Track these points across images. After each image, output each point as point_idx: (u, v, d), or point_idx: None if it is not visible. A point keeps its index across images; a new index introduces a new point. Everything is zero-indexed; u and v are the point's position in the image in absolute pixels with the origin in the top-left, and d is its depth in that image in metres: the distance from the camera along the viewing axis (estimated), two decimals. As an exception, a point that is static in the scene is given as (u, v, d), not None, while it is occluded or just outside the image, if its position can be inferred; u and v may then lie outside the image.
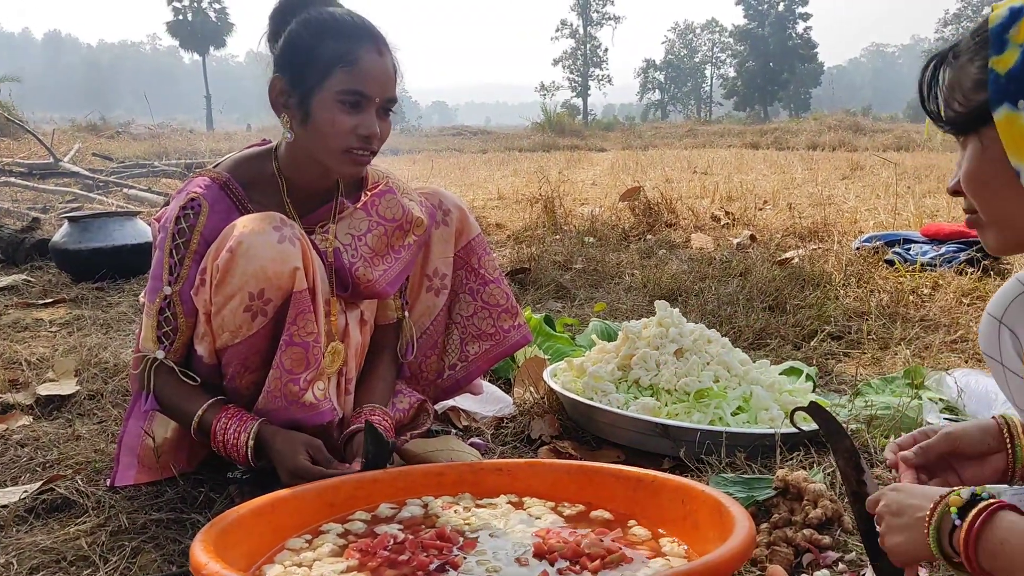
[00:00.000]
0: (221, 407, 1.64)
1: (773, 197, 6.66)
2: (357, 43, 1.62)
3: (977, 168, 0.97)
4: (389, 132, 1.70)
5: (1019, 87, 0.89)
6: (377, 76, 1.62)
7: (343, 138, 1.62)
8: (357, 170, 1.69)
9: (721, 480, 1.68)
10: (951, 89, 0.98)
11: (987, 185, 0.96)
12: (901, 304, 3.08)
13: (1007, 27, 0.92)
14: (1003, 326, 1.28)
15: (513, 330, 1.99)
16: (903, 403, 1.97)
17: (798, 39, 64.31)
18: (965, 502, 0.94)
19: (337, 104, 1.61)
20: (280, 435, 1.59)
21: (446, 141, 23.92)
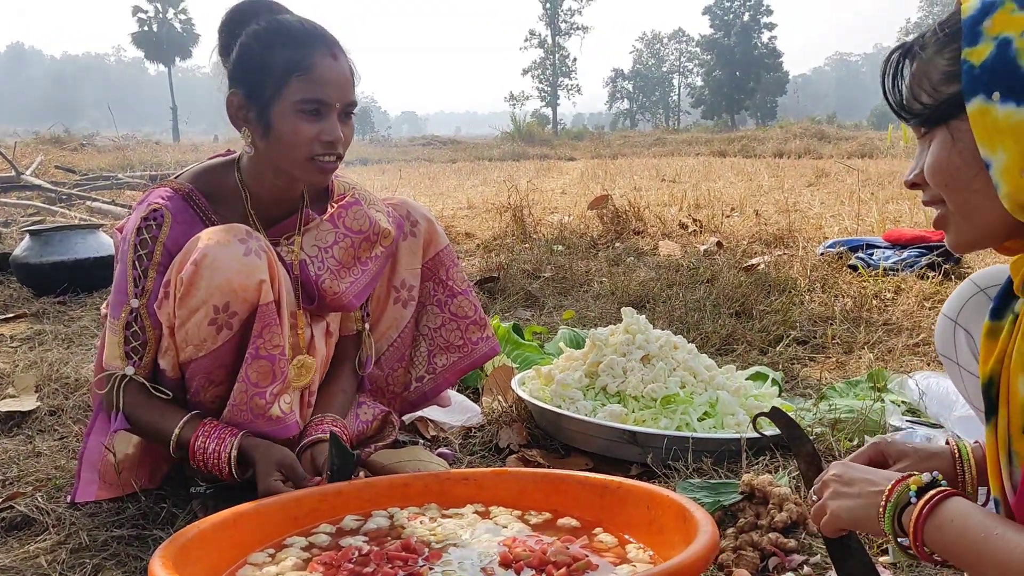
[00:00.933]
0: (198, 423, 1.62)
1: (740, 204, 6.72)
2: (310, 50, 1.61)
3: (946, 160, 0.96)
4: (352, 135, 1.69)
5: (993, 79, 0.89)
6: (334, 81, 1.61)
7: (307, 147, 1.61)
8: (324, 178, 1.67)
9: (688, 486, 1.69)
10: (918, 80, 0.98)
11: (956, 177, 0.96)
12: (865, 309, 3.12)
13: (979, 20, 0.92)
14: (958, 327, 1.31)
15: (481, 342, 1.98)
16: (866, 406, 1.99)
17: (763, 48, 65.08)
18: (925, 484, 0.97)
19: (297, 113, 1.60)
20: (259, 450, 1.57)
21: (416, 151, 23.88)
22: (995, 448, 1.01)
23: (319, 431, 1.69)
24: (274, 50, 1.61)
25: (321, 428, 1.70)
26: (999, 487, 1.01)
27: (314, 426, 1.72)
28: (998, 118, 0.89)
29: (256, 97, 1.62)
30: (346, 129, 1.66)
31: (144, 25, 61.66)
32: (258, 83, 1.61)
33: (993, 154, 0.90)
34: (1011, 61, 0.89)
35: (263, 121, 1.62)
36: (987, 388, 1.01)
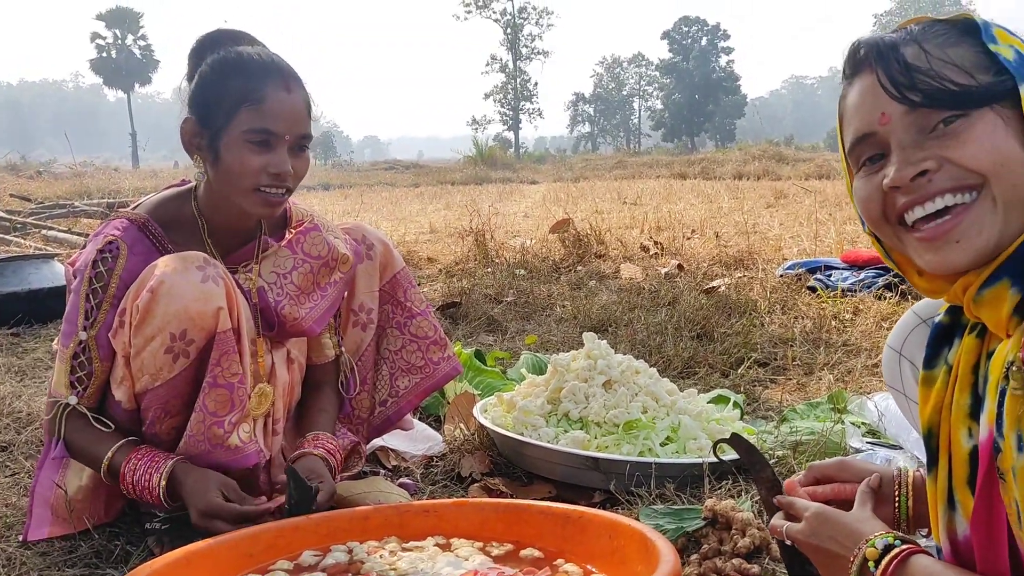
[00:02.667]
0: (132, 448, 1.59)
1: (701, 226, 6.79)
2: (262, 81, 1.60)
3: (1004, 142, 0.93)
4: (306, 169, 1.67)
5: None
6: (285, 113, 1.60)
7: (252, 177, 1.59)
8: (270, 210, 1.65)
9: (651, 512, 1.68)
10: (942, 66, 0.95)
11: (1010, 159, 0.93)
12: (824, 330, 3.16)
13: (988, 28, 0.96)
14: (903, 358, 1.33)
15: (443, 361, 1.98)
16: (827, 428, 2.01)
17: (721, 72, 66.24)
18: (880, 553, 1.02)
19: (245, 143, 1.58)
20: (192, 474, 1.55)
21: (378, 175, 23.84)
22: (935, 496, 1.02)
23: (310, 447, 1.70)
24: (228, 79, 1.60)
25: (316, 444, 1.71)
26: (939, 535, 1.03)
27: (307, 443, 1.72)
28: None
29: (208, 125, 1.61)
30: (298, 163, 1.64)
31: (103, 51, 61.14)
32: (210, 111, 1.61)
33: None
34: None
35: (213, 149, 1.61)
36: (927, 438, 1.03)
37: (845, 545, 1.08)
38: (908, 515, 1.20)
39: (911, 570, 0.99)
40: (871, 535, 1.05)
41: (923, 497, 1.19)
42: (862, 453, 1.87)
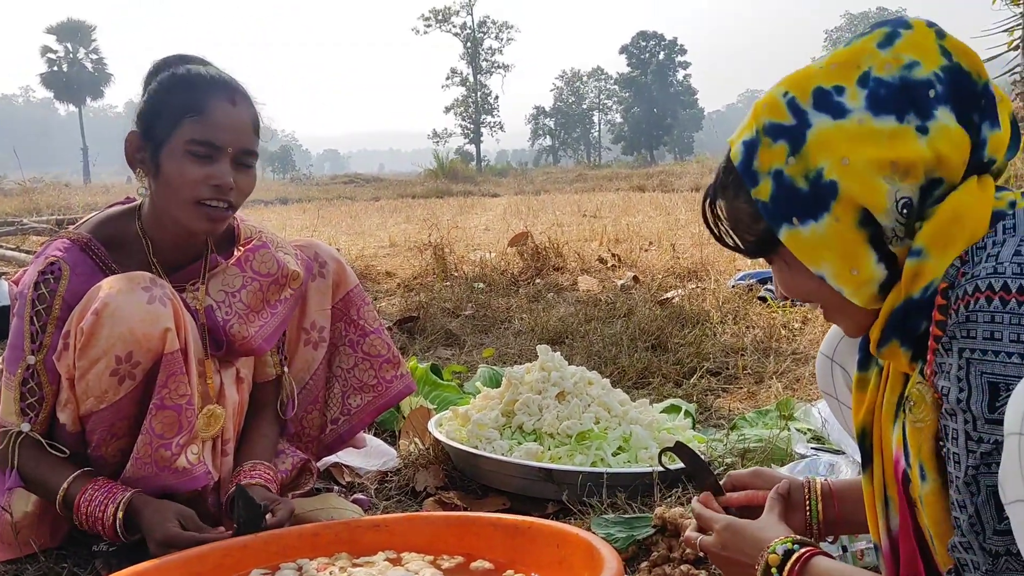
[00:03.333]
0: (88, 480, 1.57)
1: (658, 238, 6.86)
2: (207, 93, 1.60)
3: (791, 281, 1.06)
4: (251, 186, 1.66)
5: (786, 208, 0.98)
6: (228, 126, 1.60)
7: (192, 189, 1.58)
8: (212, 225, 1.63)
9: (602, 521, 1.71)
10: (735, 223, 1.07)
11: (808, 292, 1.04)
12: (774, 339, 3.22)
13: (749, 162, 1.01)
14: (835, 364, 1.38)
15: (396, 380, 1.97)
16: (774, 435, 2.05)
17: (679, 86, 67.13)
18: (781, 559, 1.08)
19: (186, 155, 1.58)
20: (150, 505, 1.53)
21: (338, 189, 23.69)
22: (872, 495, 1.07)
23: (247, 478, 1.67)
24: (173, 93, 1.61)
25: (251, 475, 1.68)
26: (877, 533, 1.07)
27: (243, 473, 1.69)
28: (807, 238, 0.97)
29: (151, 137, 1.61)
30: (242, 178, 1.63)
31: (54, 65, 60.10)
32: (153, 123, 1.61)
33: (820, 268, 0.99)
34: (790, 187, 0.97)
35: (154, 162, 1.61)
36: (861, 438, 1.08)
37: (751, 554, 1.14)
38: (819, 520, 1.27)
39: (812, 571, 1.05)
40: (773, 541, 1.12)
41: (832, 504, 1.27)
42: (807, 459, 1.91)
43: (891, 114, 0.94)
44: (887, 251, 0.96)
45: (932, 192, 0.94)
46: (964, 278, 0.88)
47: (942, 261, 0.92)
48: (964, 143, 0.93)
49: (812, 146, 0.96)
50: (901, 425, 0.98)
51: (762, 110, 1.01)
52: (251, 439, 1.81)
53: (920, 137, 0.92)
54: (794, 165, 0.97)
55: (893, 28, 0.98)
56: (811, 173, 0.96)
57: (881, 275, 0.96)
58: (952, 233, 0.92)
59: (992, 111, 0.96)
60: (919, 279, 0.93)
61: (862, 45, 0.98)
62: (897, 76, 0.95)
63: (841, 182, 0.94)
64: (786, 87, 1.00)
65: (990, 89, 0.97)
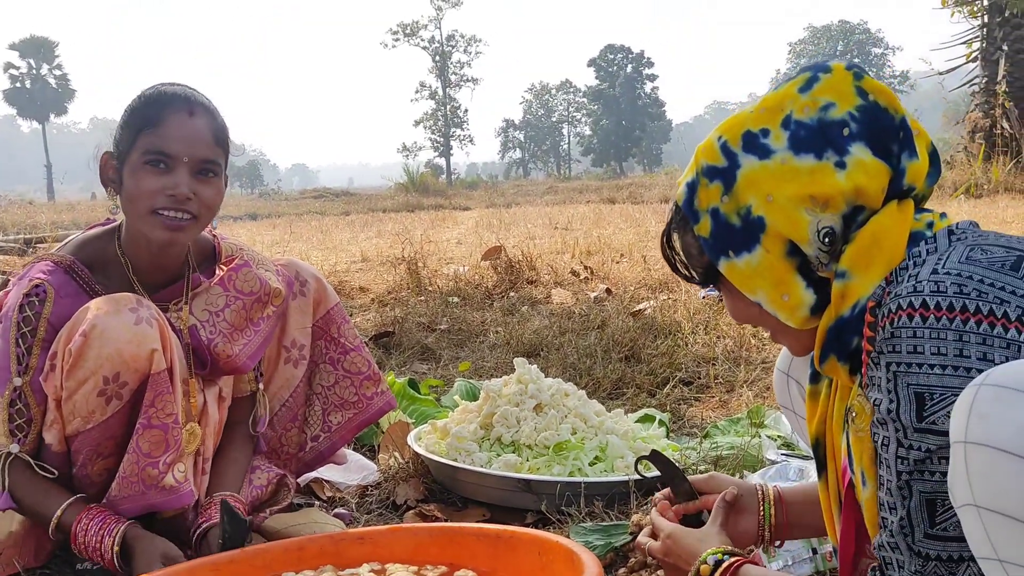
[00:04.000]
0: (82, 507, 1.59)
1: (629, 250, 6.94)
2: (164, 106, 1.63)
3: (733, 308, 1.15)
4: (215, 197, 1.66)
5: (722, 242, 1.08)
6: (183, 136, 1.61)
7: (149, 199, 1.60)
8: (171, 235, 1.63)
9: (581, 530, 1.75)
10: (687, 256, 1.16)
11: (750, 317, 1.14)
12: (744, 348, 3.28)
13: (691, 201, 1.10)
14: (790, 379, 1.45)
15: (376, 396, 2.00)
16: (745, 442, 2.11)
17: (647, 98, 67.67)
18: (712, 569, 1.17)
19: (143, 166, 1.61)
20: (142, 541, 1.56)
21: (307, 204, 23.60)
22: (828, 500, 1.14)
23: (211, 513, 1.66)
24: (134, 111, 1.65)
25: (211, 511, 1.67)
26: (835, 535, 1.14)
27: (209, 508, 1.69)
28: (742, 269, 1.06)
29: (118, 154, 1.65)
30: (203, 188, 1.63)
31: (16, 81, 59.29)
32: (119, 141, 1.65)
33: (756, 295, 1.08)
34: (725, 223, 1.07)
35: (119, 176, 1.65)
36: (815, 447, 1.15)
37: (688, 563, 1.23)
38: (771, 524, 1.35)
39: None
40: (705, 552, 1.21)
41: (783, 509, 1.35)
42: (777, 464, 1.97)
43: (810, 152, 1.02)
44: (815, 277, 1.04)
45: (855, 218, 1.02)
46: (888, 297, 0.96)
47: (866, 280, 1.00)
48: (881, 173, 1.01)
49: (741, 185, 1.05)
50: (846, 434, 1.04)
51: (701, 153, 1.10)
52: (220, 467, 1.81)
53: (838, 172, 1.01)
54: (728, 203, 1.06)
55: (814, 73, 1.06)
56: (742, 210, 1.05)
57: (810, 299, 1.04)
58: (872, 254, 1.00)
59: (910, 143, 1.05)
60: (847, 299, 1.01)
61: (786, 90, 1.07)
62: (815, 118, 1.03)
63: (767, 217, 1.03)
64: (721, 132, 1.09)
65: (907, 123, 1.05)
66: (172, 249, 1.71)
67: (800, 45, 59.77)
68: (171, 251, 1.72)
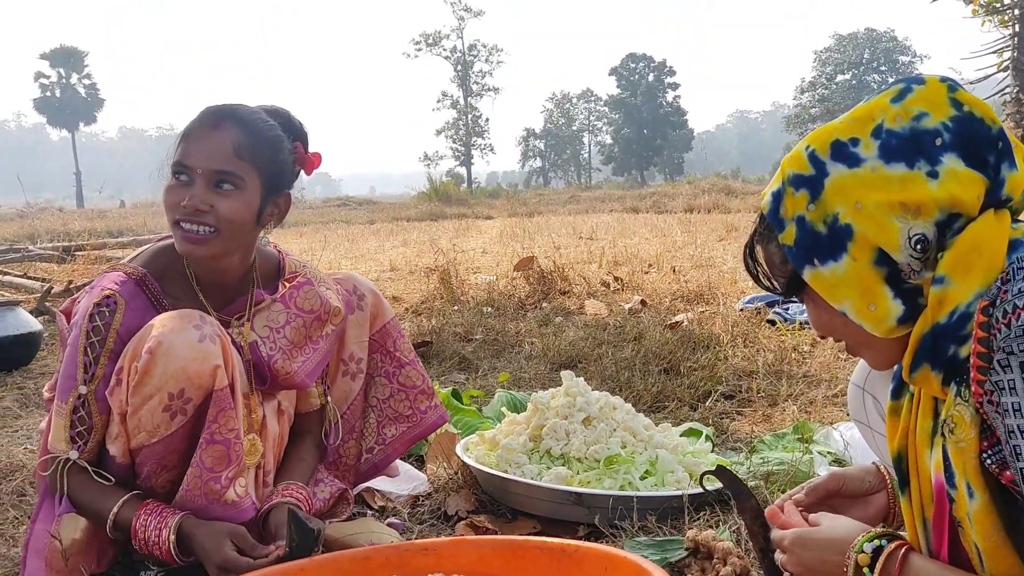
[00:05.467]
0: (138, 503, 1.61)
1: (657, 260, 6.94)
2: (197, 121, 1.66)
3: (818, 318, 1.15)
4: (234, 209, 1.64)
5: (808, 251, 1.08)
6: (201, 147, 1.63)
7: (170, 211, 1.64)
8: (191, 247, 1.64)
9: (635, 544, 1.76)
10: (770, 266, 1.17)
11: (834, 328, 1.13)
12: (785, 362, 3.28)
13: (777, 210, 1.12)
14: (866, 393, 1.45)
15: (430, 410, 2.03)
16: (796, 458, 2.11)
17: (669, 107, 67.57)
18: (871, 558, 1.11)
19: (170, 178, 1.65)
20: (202, 528, 1.58)
21: (332, 212, 23.76)
22: (911, 516, 1.14)
23: (280, 497, 1.71)
24: (185, 126, 1.68)
25: (285, 495, 1.72)
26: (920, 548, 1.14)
27: (276, 493, 1.74)
28: (828, 277, 1.07)
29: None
30: (221, 200, 1.62)
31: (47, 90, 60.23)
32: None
33: (841, 304, 1.08)
34: (811, 231, 1.07)
35: None
36: (897, 463, 1.15)
37: (832, 559, 1.17)
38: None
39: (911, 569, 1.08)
40: (854, 540, 1.15)
41: None
42: (830, 481, 1.97)
43: (901, 161, 1.02)
44: (903, 287, 1.04)
45: (951, 226, 1.02)
46: (1005, 297, 0.95)
47: (965, 286, 0.99)
48: (976, 183, 1.01)
49: (829, 193, 1.05)
50: (941, 448, 1.04)
51: (787, 163, 1.11)
52: (289, 463, 1.86)
53: (930, 181, 1.01)
54: (814, 211, 1.07)
55: (907, 84, 1.07)
56: (828, 217, 1.06)
57: (898, 310, 1.04)
58: (971, 260, 0.99)
59: (1009, 154, 1.04)
60: (944, 305, 1.00)
61: (878, 100, 1.07)
62: (907, 127, 1.04)
63: (855, 224, 1.04)
64: (808, 142, 1.10)
65: (1005, 134, 1.05)
66: (212, 263, 1.72)
67: (826, 53, 59.37)
68: (215, 265, 1.72)
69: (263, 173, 1.69)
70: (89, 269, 7.15)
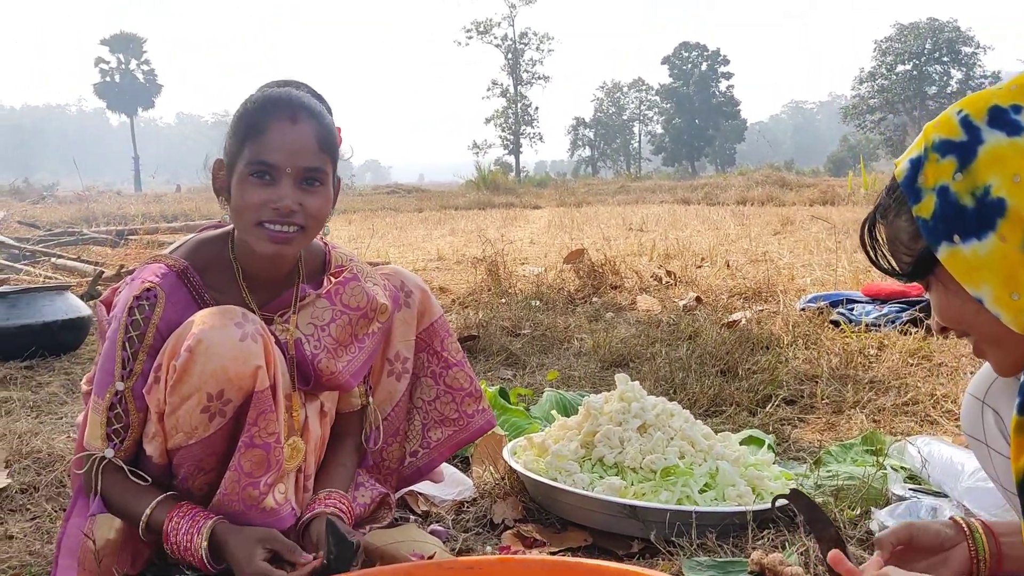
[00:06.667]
0: (172, 505, 1.55)
1: (710, 254, 6.77)
2: (269, 115, 1.56)
3: (947, 305, 1.03)
4: (323, 206, 1.60)
5: (947, 225, 0.95)
6: (285, 145, 1.54)
7: (253, 212, 1.55)
8: (277, 248, 1.57)
9: (695, 564, 1.65)
10: (893, 244, 1.05)
11: (964, 317, 1.01)
12: (851, 366, 3.11)
13: (913, 178, 0.99)
14: (986, 406, 1.30)
15: (477, 415, 1.93)
16: (867, 473, 1.96)
17: (721, 97, 66.62)
18: None
19: (248, 177, 1.55)
20: (234, 536, 1.51)
21: (381, 200, 23.82)
22: None
23: (321, 506, 1.64)
24: (241, 119, 1.59)
25: (325, 503, 1.65)
26: None
27: (316, 502, 1.66)
28: (967, 257, 0.94)
29: (228, 165, 1.61)
30: (309, 198, 1.57)
31: (106, 76, 61.68)
32: (228, 150, 1.60)
33: (979, 290, 0.95)
34: (954, 204, 0.94)
35: (228, 188, 1.60)
36: (1021, 488, 1.01)
37: None
38: (986, 556, 1.18)
39: None
40: None
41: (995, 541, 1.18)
42: (906, 501, 1.83)
43: None
44: None
45: None
46: None
47: None
48: None
49: (982, 162, 0.93)
50: None
51: (932, 128, 0.99)
52: (329, 468, 1.78)
53: None
54: (961, 181, 0.94)
55: None
56: (978, 190, 0.93)
57: None
58: None
59: None
60: None
61: None
62: None
63: (1010, 200, 0.91)
64: (960, 106, 0.98)
65: None
66: (280, 260, 1.66)
67: (887, 43, 57.75)
68: (280, 262, 1.67)
69: (334, 163, 1.64)
70: (141, 253, 7.22)
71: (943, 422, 2.57)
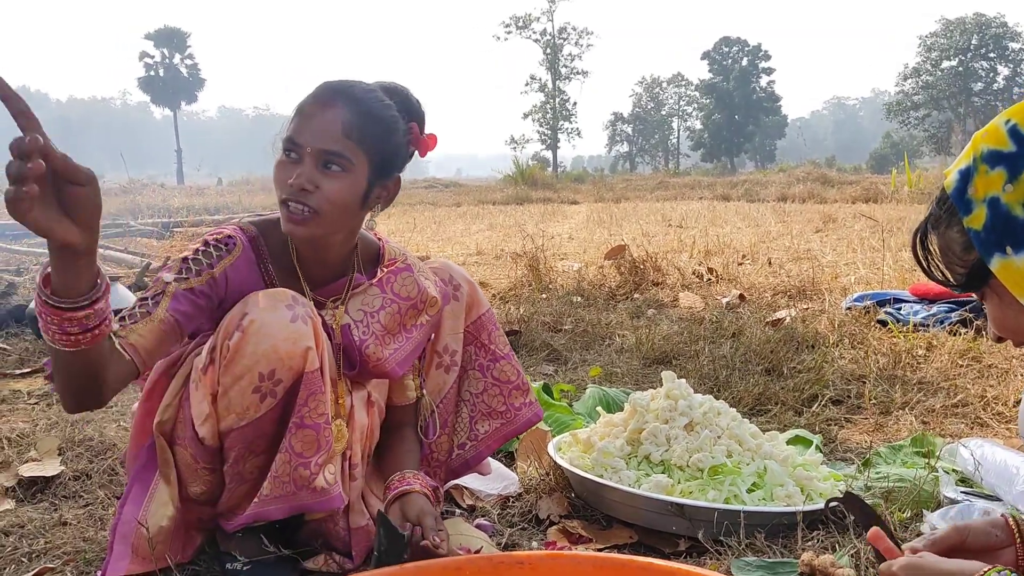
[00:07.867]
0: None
1: (751, 251, 6.70)
2: (310, 98, 1.59)
3: (1002, 315, 1.03)
4: (339, 192, 1.57)
5: (999, 236, 0.96)
6: (311, 125, 1.56)
7: (279, 188, 1.58)
8: (292, 227, 1.57)
9: (743, 564, 1.63)
10: (946, 255, 1.05)
11: (1019, 327, 1.02)
12: (899, 366, 3.07)
13: (963, 190, 0.99)
14: None
15: (524, 407, 1.94)
16: (918, 476, 1.93)
17: (762, 92, 65.88)
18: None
19: (281, 154, 1.59)
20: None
21: (419, 194, 23.93)
22: None
23: (398, 488, 1.68)
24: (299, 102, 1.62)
25: (405, 482, 1.69)
26: None
27: (403, 480, 1.70)
28: (1020, 268, 0.94)
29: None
30: (327, 181, 1.55)
31: (151, 70, 62.66)
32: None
33: None
34: (1005, 215, 0.95)
35: None
36: None
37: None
38: None
39: None
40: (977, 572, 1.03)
41: None
42: (958, 504, 1.80)
43: None
44: None
45: None
46: None
47: None
48: None
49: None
50: None
51: (981, 138, 0.99)
52: (398, 455, 1.81)
53: None
54: (1011, 192, 0.94)
55: None
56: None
57: None
58: None
59: None
60: None
61: None
62: None
63: None
64: (1009, 115, 0.97)
65: None
66: (311, 245, 1.67)
67: (931, 38, 56.64)
68: (314, 247, 1.68)
69: (373, 155, 1.62)
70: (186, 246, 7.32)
71: (994, 424, 2.52)
